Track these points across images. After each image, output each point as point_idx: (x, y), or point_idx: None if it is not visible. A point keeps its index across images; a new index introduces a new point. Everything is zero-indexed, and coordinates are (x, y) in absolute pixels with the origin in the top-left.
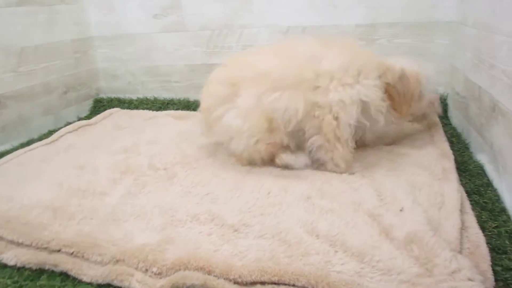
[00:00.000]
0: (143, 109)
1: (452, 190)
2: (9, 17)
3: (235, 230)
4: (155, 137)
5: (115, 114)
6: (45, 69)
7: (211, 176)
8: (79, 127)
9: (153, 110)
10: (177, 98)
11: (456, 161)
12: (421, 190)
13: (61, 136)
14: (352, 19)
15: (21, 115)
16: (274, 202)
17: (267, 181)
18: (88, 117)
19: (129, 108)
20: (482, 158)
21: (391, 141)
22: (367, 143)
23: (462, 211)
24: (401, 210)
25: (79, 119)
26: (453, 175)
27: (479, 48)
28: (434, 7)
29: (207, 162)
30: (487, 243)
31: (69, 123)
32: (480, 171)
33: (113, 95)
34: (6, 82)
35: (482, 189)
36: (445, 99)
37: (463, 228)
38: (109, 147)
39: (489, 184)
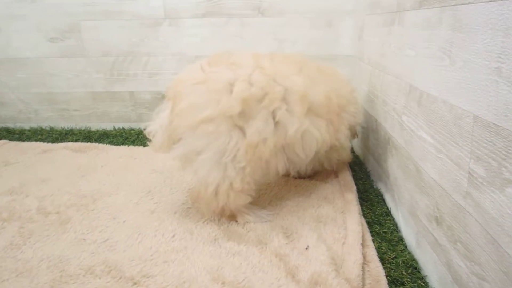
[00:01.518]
0: (36, 140)
1: (353, 223)
2: None
3: (135, 283)
4: (48, 175)
5: (2, 147)
6: None
7: (110, 219)
8: None
9: (48, 142)
10: (77, 128)
11: (358, 190)
12: (326, 224)
13: None
14: (258, 51)
15: None
16: (178, 246)
17: (172, 222)
18: None
19: (20, 140)
20: (381, 187)
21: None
22: None
23: (363, 244)
24: (306, 249)
25: None
26: (355, 207)
27: (374, 84)
28: (335, 42)
29: (106, 203)
30: (387, 275)
31: None
32: (379, 200)
33: (3, 125)
34: None
35: (382, 219)
36: None
37: (364, 262)
38: None
39: (388, 213)
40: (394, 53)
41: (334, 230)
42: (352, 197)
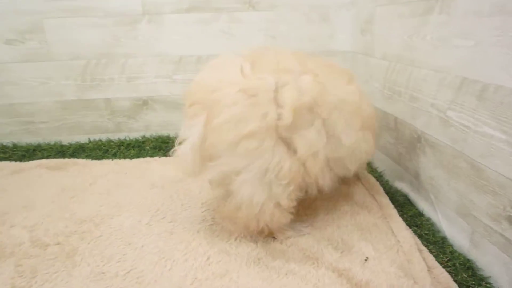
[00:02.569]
0: None
1: (401, 229)
2: None
3: None
4: (29, 199)
5: None
6: None
7: (125, 245)
8: None
9: (14, 160)
10: (46, 142)
11: None
12: (371, 232)
13: None
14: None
15: None
16: (219, 271)
17: (201, 243)
18: None
19: None
20: (402, 187)
21: None
22: None
23: (418, 249)
24: (366, 260)
25: None
26: (394, 211)
27: (393, 80)
28: (331, 38)
29: (112, 227)
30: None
31: None
32: (405, 201)
33: None
34: None
35: (417, 220)
36: None
37: (428, 269)
38: None
39: (420, 214)
40: (433, 45)
41: (383, 238)
42: (386, 200)
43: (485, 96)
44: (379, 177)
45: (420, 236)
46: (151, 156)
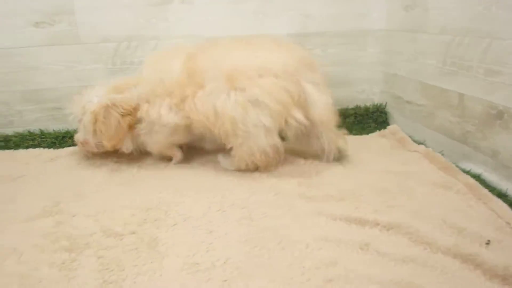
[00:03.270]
0: (27, 147)
1: (503, 208)
2: None
3: None
4: (76, 187)
5: None
6: None
7: (206, 233)
8: None
9: (44, 147)
10: (74, 129)
11: None
12: (468, 214)
13: None
14: (282, 28)
15: None
16: (326, 258)
17: (289, 228)
18: None
19: (6, 148)
20: (472, 167)
21: None
22: None
23: None
24: (487, 244)
25: None
26: (484, 191)
27: (459, 55)
28: (363, 16)
29: (182, 213)
30: None
31: None
32: (480, 181)
33: None
34: None
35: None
36: (383, 108)
37: None
38: (13, 210)
39: (503, 194)
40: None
41: (489, 221)
42: (472, 180)
43: None
44: None
45: None
46: None
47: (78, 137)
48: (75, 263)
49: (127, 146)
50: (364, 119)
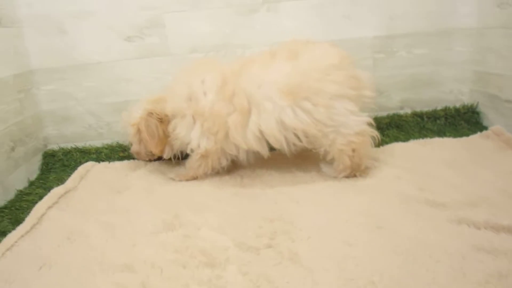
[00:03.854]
0: (121, 159)
1: None
2: None
3: None
4: (190, 199)
5: (93, 170)
6: None
7: (346, 246)
8: (59, 197)
9: (134, 159)
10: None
11: None
12: None
13: (43, 214)
14: (368, 31)
15: None
16: None
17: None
18: (42, 178)
19: (98, 160)
20: None
21: None
22: None
23: None
24: None
25: (30, 183)
26: None
27: None
28: (452, 15)
29: (311, 225)
30: None
31: (20, 192)
32: None
33: (68, 145)
34: None
35: None
36: (475, 108)
37: None
38: (135, 223)
39: None
40: None
41: None
42: None
43: None
44: None
45: None
46: None
47: (132, 149)
48: (221, 280)
49: (166, 153)
50: (455, 121)
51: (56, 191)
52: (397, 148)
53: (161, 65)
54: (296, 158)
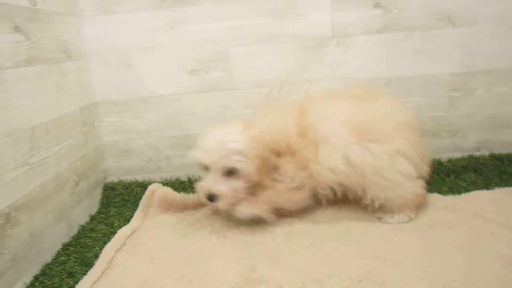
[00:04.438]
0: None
1: None
2: (17, 82)
3: None
4: (262, 247)
5: (158, 192)
6: (57, 154)
7: None
8: (126, 238)
9: (191, 193)
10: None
11: None
12: None
13: (112, 258)
14: (445, 67)
15: (33, 232)
16: None
17: None
18: (103, 213)
19: None
20: None
21: None
22: None
23: None
24: None
25: (92, 218)
26: None
27: None
28: None
29: (405, 279)
30: None
31: (83, 227)
32: None
33: (127, 177)
34: (19, 184)
35: None
36: None
37: None
38: (209, 278)
39: None
40: None
41: None
42: None
43: None
44: None
45: None
46: None
47: (211, 187)
48: None
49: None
50: None
51: (123, 232)
52: (482, 197)
53: (225, 100)
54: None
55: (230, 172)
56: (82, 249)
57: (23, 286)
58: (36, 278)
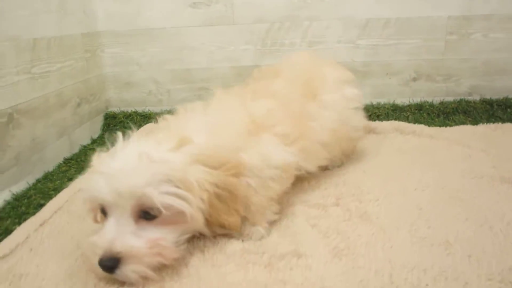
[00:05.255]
0: None
1: None
2: None
3: None
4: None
5: None
6: (59, 72)
7: None
8: None
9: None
10: None
11: None
12: None
13: None
14: (443, 10)
15: (35, 139)
16: None
17: None
18: (104, 137)
19: None
20: None
21: None
22: None
23: None
24: None
25: (93, 141)
26: None
27: None
28: None
29: None
30: None
31: (84, 147)
32: None
33: (128, 109)
34: (21, 89)
35: None
36: None
37: None
38: None
39: None
40: None
41: None
42: None
43: None
44: None
45: None
46: None
47: (113, 242)
48: None
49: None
50: None
51: None
52: (466, 130)
53: (225, 34)
54: None
55: (148, 214)
56: (83, 163)
57: (26, 185)
58: (38, 180)
